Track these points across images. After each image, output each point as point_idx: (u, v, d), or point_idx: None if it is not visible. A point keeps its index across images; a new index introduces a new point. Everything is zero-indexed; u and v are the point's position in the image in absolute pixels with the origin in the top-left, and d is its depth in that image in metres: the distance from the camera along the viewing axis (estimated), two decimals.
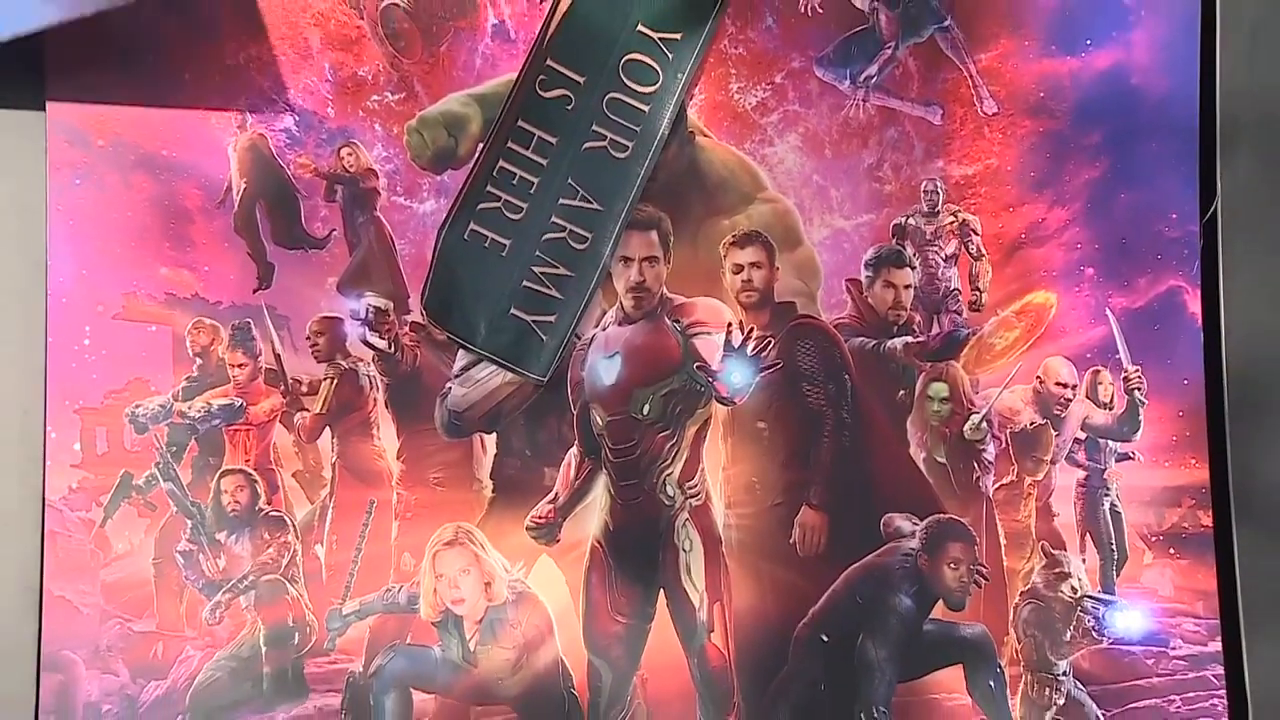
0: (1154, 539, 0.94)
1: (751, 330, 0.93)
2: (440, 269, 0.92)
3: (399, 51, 0.92)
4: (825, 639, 0.93)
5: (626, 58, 0.93)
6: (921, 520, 0.94)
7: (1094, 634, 0.93)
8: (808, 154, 0.94)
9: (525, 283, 0.93)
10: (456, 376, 0.93)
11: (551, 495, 0.93)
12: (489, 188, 0.93)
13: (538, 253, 0.93)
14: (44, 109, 0.88)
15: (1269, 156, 0.93)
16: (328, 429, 0.92)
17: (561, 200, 0.93)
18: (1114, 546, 0.94)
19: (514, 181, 0.93)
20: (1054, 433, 0.95)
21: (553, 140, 0.93)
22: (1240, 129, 0.92)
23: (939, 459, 0.95)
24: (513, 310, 0.93)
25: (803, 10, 0.93)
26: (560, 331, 0.93)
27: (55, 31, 0.83)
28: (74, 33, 0.84)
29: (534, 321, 0.93)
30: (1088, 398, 0.95)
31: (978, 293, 0.95)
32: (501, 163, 0.93)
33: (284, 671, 0.90)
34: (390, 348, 0.92)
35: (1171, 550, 0.94)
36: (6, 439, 0.88)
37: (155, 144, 0.90)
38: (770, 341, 0.94)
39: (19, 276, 0.89)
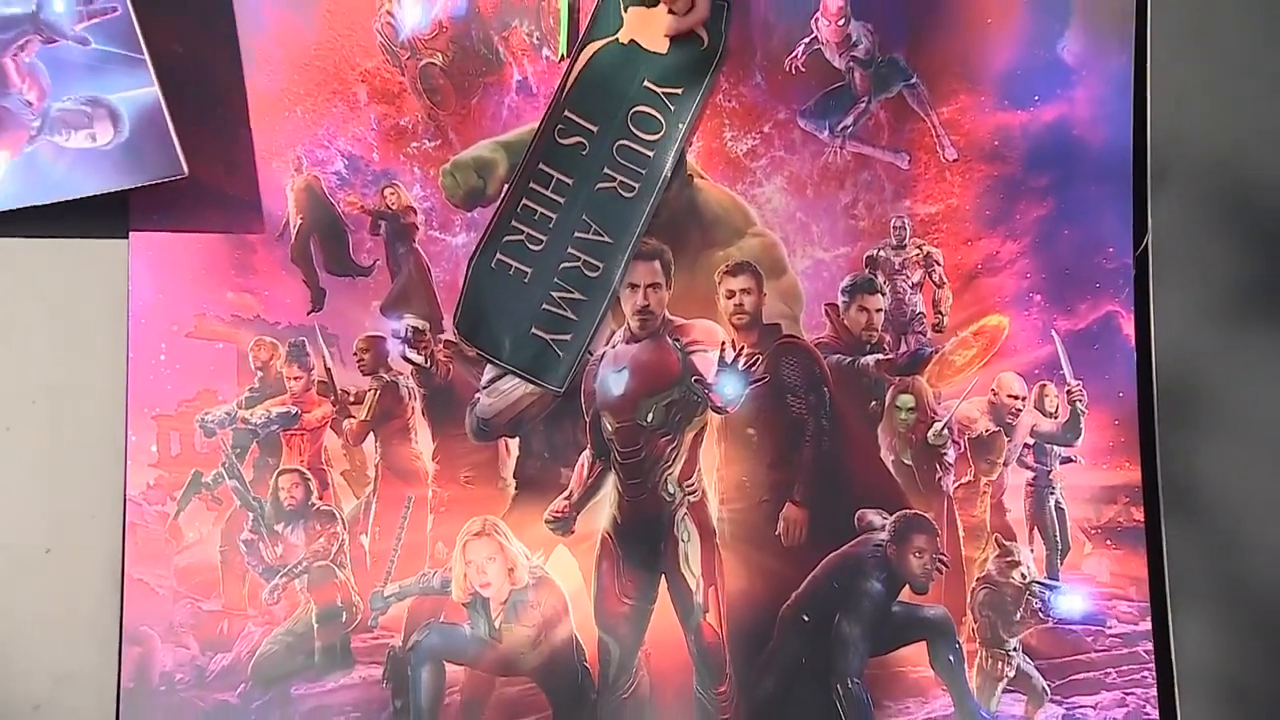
0: (1093, 532, 1.07)
1: (742, 348, 1.06)
2: (471, 293, 1.05)
3: (435, 104, 1.05)
4: (806, 619, 1.06)
5: (634, 110, 1.06)
6: (890, 515, 1.07)
7: (1040, 615, 1.07)
8: (792, 194, 1.07)
9: (545, 306, 1.06)
10: (484, 388, 1.06)
11: (567, 493, 1.06)
12: (513, 223, 1.06)
13: (556, 280, 1.06)
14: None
15: (1191, 199, 1.06)
16: (371, 434, 1.05)
17: (577, 234, 1.06)
18: (1058, 538, 1.08)
19: (535, 217, 1.06)
20: (1006, 439, 1.08)
21: (569, 181, 1.06)
22: (1167, 175, 1.06)
23: (906, 461, 1.08)
24: (534, 330, 1.06)
25: (787, 69, 1.07)
26: (575, 348, 1.06)
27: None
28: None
29: (552, 340, 1.06)
30: (1036, 408, 1.08)
31: (940, 316, 1.08)
32: (525, 201, 1.06)
33: (333, 646, 1.03)
34: (426, 363, 1.05)
35: (1108, 542, 1.07)
36: (93, 443, 1.01)
37: (223, 185, 1.03)
38: (759, 358, 1.07)
39: (104, 300, 1.02)
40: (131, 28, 0.98)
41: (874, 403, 1.08)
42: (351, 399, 1.05)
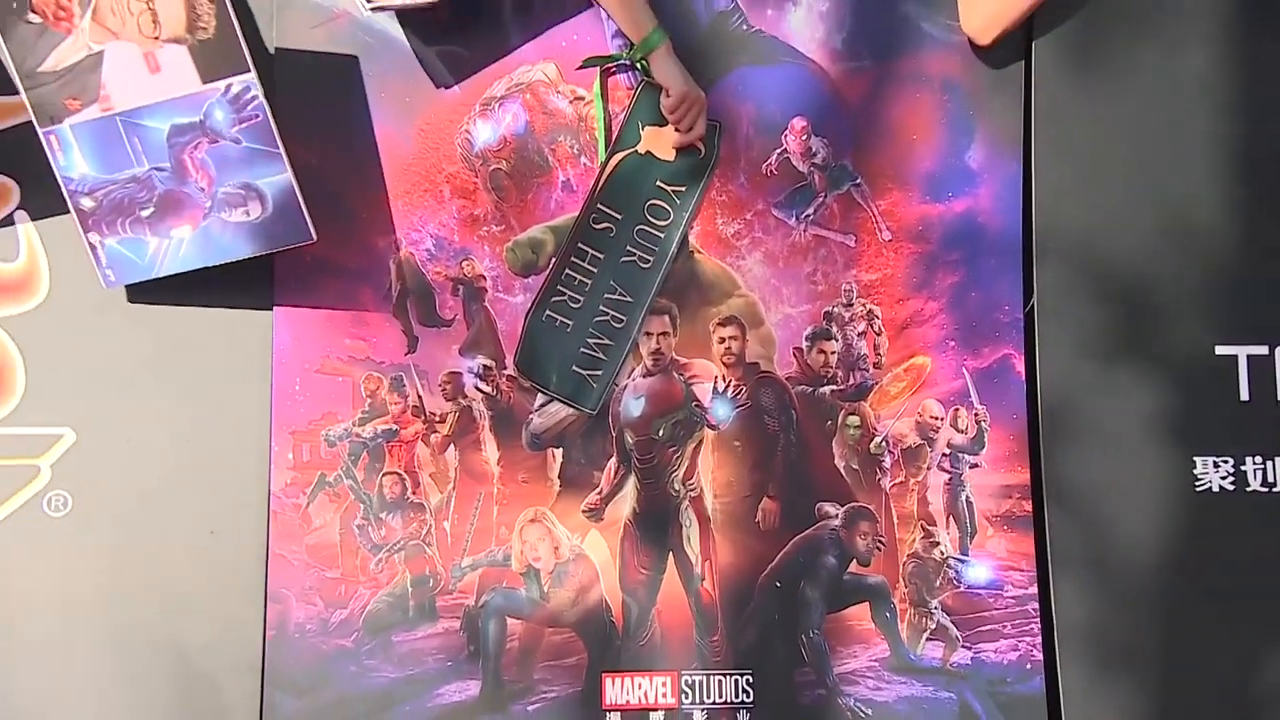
0: (994, 519, 1.42)
1: (731, 381, 1.41)
2: (527, 340, 1.40)
3: (500, 198, 1.40)
4: (779, 585, 1.40)
5: (649, 202, 1.41)
6: (842, 507, 1.42)
7: (954, 582, 1.41)
8: (767, 265, 1.42)
9: (582, 349, 1.41)
10: (536, 411, 1.40)
11: (598, 490, 1.40)
12: (559, 286, 1.41)
13: (590, 329, 1.41)
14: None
15: (1065, 269, 1.41)
16: (452, 445, 1.39)
17: (606, 295, 1.41)
18: (968, 524, 1.42)
19: (575, 283, 1.41)
20: (929, 449, 1.43)
21: (601, 256, 1.41)
22: (1047, 252, 1.41)
23: (853, 466, 1.43)
24: (574, 367, 1.40)
25: (764, 172, 1.42)
26: (605, 380, 1.40)
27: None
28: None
29: (588, 374, 1.41)
30: (951, 426, 1.43)
31: (879, 356, 1.43)
32: (567, 270, 1.41)
33: (423, 605, 1.37)
34: (493, 392, 1.40)
35: (1005, 527, 1.42)
36: (245, 452, 1.35)
37: (343, 259, 1.38)
38: (743, 388, 1.42)
39: (253, 344, 1.36)
40: (270, 129, 1.31)
41: (829, 422, 1.43)
42: (437, 419, 1.39)
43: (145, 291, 1.33)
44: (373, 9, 1.34)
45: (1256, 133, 1.43)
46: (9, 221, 1.32)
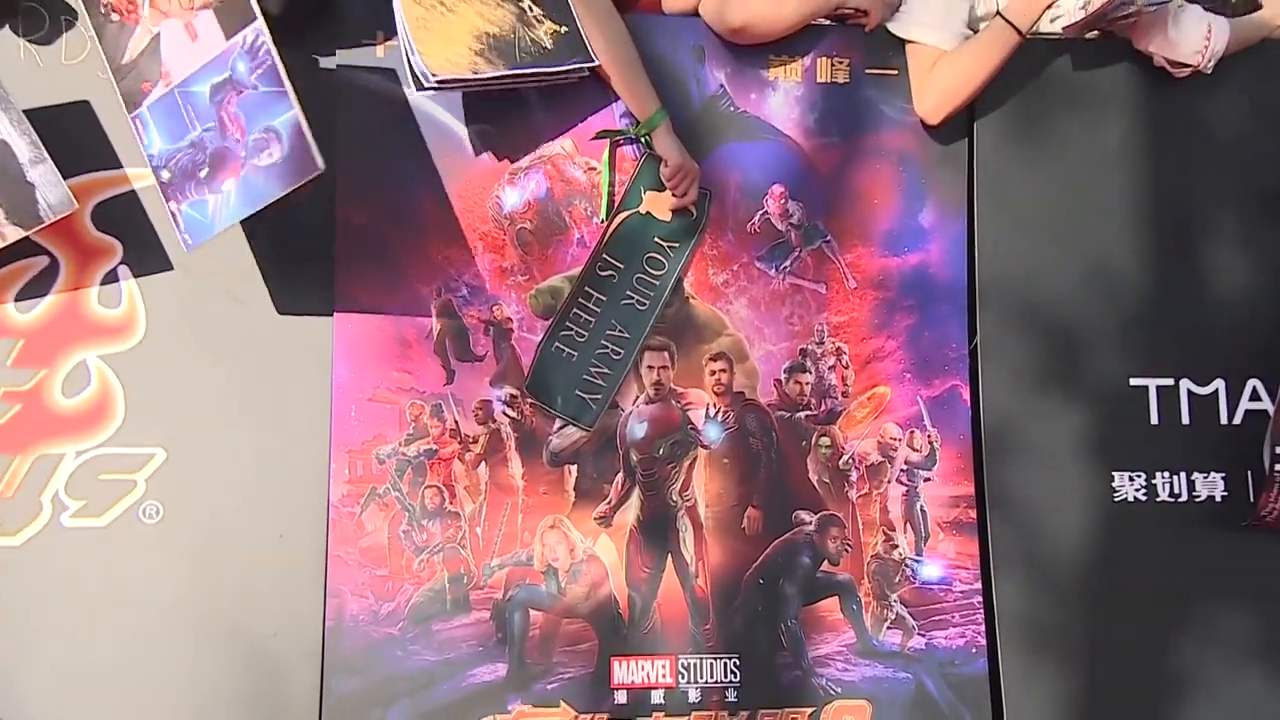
0: (944, 525, 1.67)
1: (720, 408, 1.66)
2: (538, 367, 1.64)
3: (525, 252, 1.65)
4: (762, 581, 1.65)
5: (648, 255, 1.66)
6: (815, 515, 1.66)
7: (911, 579, 1.66)
8: (751, 309, 1.68)
9: (584, 376, 1.65)
10: (555, 433, 1.65)
11: (608, 500, 1.64)
12: (567, 323, 1.65)
13: (592, 361, 1.65)
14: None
15: (1004, 313, 1.67)
16: (483, 463, 1.63)
17: (608, 332, 1.66)
18: (922, 530, 1.67)
19: (581, 321, 1.65)
20: (889, 466, 1.68)
21: (604, 299, 1.66)
22: (989, 297, 1.67)
23: (825, 480, 1.67)
24: (577, 391, 1.65)
25: (748, 230, 1.68)
26: (603, 403, 1.64)
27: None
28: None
29: (589, 398, 1.65)
30: (908, 446, 1.68)
31: (846, 387, 1.68)
32: (575, 310, 1.65)
33: (458, 598, 1.61)
34: (519, 417, 1.64)
35: (954, 532, 1.67)
36: (308, 468, 1.59)
37: (390, 303, 1.62)
38: (731, 414, 1.67)
39: (315, 377, 1.60)
40: (277, 70, 1.39)
41: (804, 442, 1.68)
42: (471, 440, 1.63)
43: (225, 328, 1.58)
44: (429, 87, 1.55)
45: (1164, 197, 1.69)
46: (113, 276, 1.56)
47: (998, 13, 1.62)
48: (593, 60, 1.57)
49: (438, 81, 1.49)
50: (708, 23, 1.65)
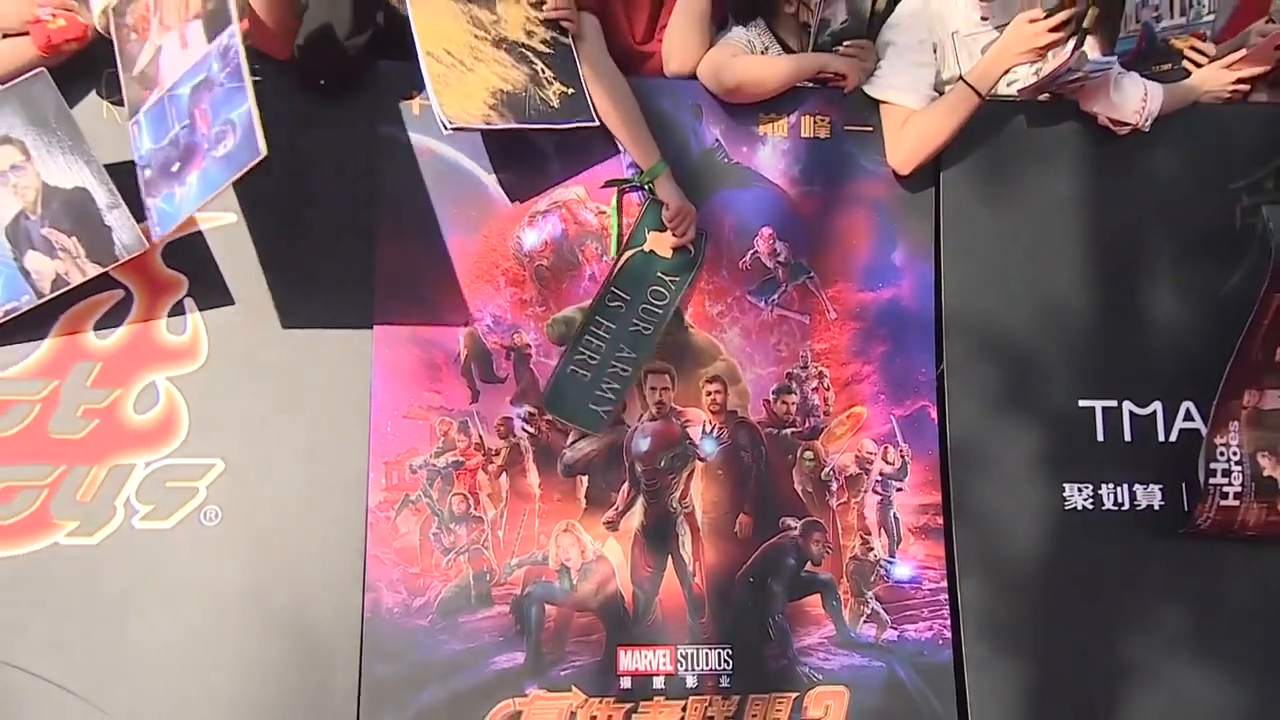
0: (914, 530, 1.87)
1: (715, 425, 1.87)
2: (554, 385, 1.84)
3: (542, 286, 1.86)
4: (752, 580, 1.85)
5: (651, 288, 1.87)
6: (800, 520, 1.87)
7: (884, 578, 1.86)
8: (744, 337, 1.88)
9: (596, 392, 1.85)
10: (568, 447, 1.85)
11: (615, 507, 1.85)
12: (580, 347, 1.86)
13: (603, 379, 1.86)
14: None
15: (968, 342, 1.88)
16: (504, 473, 1.83)
17: (615, 355, 1.86)
18: (895, 534, 1.87)
19: (593, 345, 1.85)
20: (865, 477, 1.88)
21: (613, 326, 1.86)
22: (954, 329, 1.88)
23: (809, 489, 1.88)
24: (590, 405, 1.85)
25: (740, 267, 1.89)
26: (611, 414, 1.84)
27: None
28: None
29: (600, 409, 1.85)
30: (882, 460, 1.88)
31: (828, 407, 1.89)
32: (586, 336, 1.86)
33: (482, 594, 1.80)
34: (536, 433, 1.84)
35: (923, 536, 1.87)
36: (350, 477, 1.79)
37: (423, 330, 1.83)
38: (725, 430, 1.87)
39: (356, 396, 1.80)
40: (240, 65, 1.51)
41: (790, 456, 1.88)
42: (494, 453, 1.83)
43: (276, 353, 1.78)
44: (453, 129, 1.75)
45: (1109, 239, 1.91)
46: (180, 308, 1.76)
47: (960, 77, 1.85)
48: (594, 120, 1.78)
49: (453, 129, 1.70)
50: (704, 84, 1.86)
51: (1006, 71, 1.82)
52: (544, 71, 1.80)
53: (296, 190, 1.79)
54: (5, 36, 1.65)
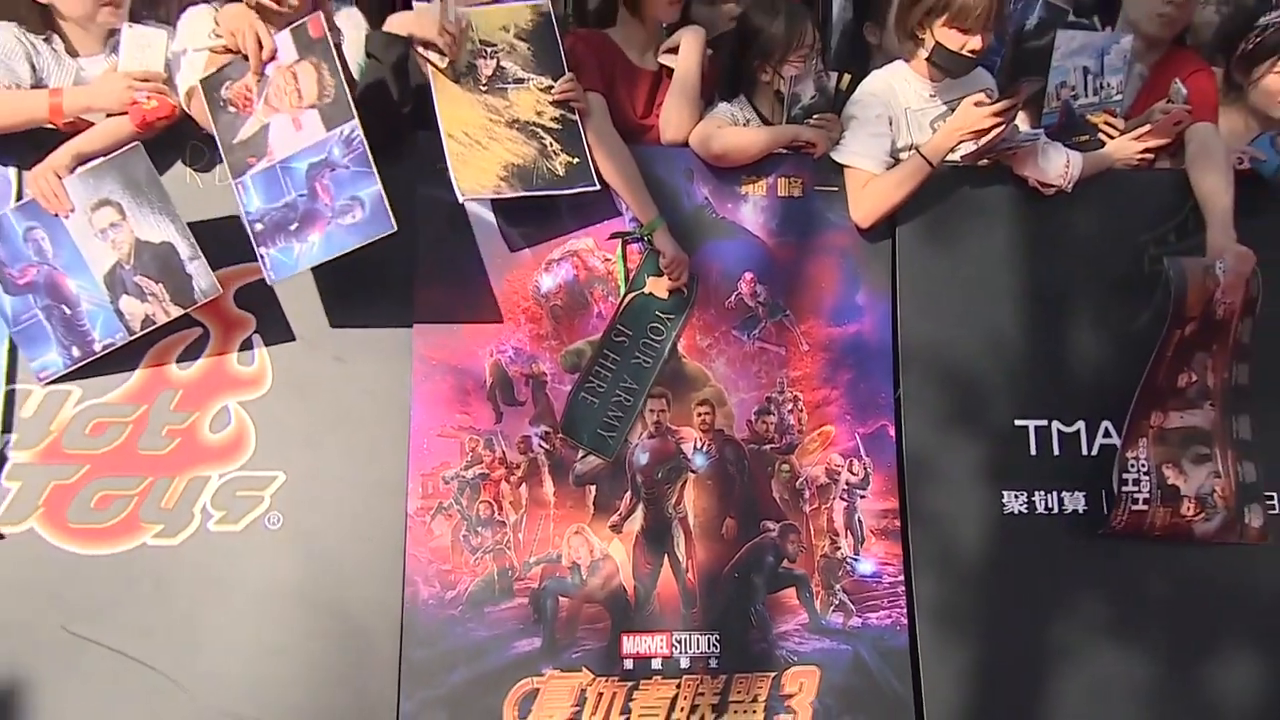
0: (876, 532, 2.18)
1: (706, 441, 2.17)
2: (569, 412, 2.15)
3: (557, 323, 2.17)
4: (736, 575, 2.15)
5: (650, 325, 2.18)
6: (778, 524, 2.17)
7: (850, 573, 2.16)
8: (728, 367, 2.20)
9: (604, 418, 2.16)
10: (579, 461, 2.15)
11: (619, 513, 2.15)
12: (590, 378, 2.17)
13: (610, 406, 2.17)
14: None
15: (920, 370, 2.20)
16: (524, 484, 2.13)
17: (620, 384, 2.17)
18: (860, 535, 2.18)
19: (602, 375, 2.17)
20: (834, 486, 2.19)
21: (618, 358, 2.17)
22: (909, 358, 2.20)
23: (785, 497, 2.18)
24: (598, 430, 2.16)
25: (726, 307, 2.20)
26: (619, 439, 2.15)
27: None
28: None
29: (608, 435, 2.16)
30: (848, 471, 2.19)
31: (801, 426, 2.20)
32: (596, 367, 2.17)
33: (505, 587, 2.09)
34: (551, 449, 2.15)
35: (883, 537, 2.18)
36: (391, 486, 2.08)
37: (455, 360, 2.13)
38: (714, 446, 2.18)
39: (397, 418, 2.10)
40: (366, 156, 1.90)
41: (770, 468, 2.19)
42: (515, 466, 2.13)
43: (330, 381, 2.08)
44: (465, 200, 2.07)
45: (1039, 282, 2.23)
46: (249, 343, 2.06)
47: (915, 148, 2.17)
48: (595, 185, 2.11)
49: (466, 200, 2.04)
50: (695, 152, 2.19)
51: (955, 147, 2.15)
52: (551, 145, 2.12)
53: None
54: (108, 116, 1.96)
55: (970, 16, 2.09)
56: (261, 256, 1.96)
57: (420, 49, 2.03)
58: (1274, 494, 2.17)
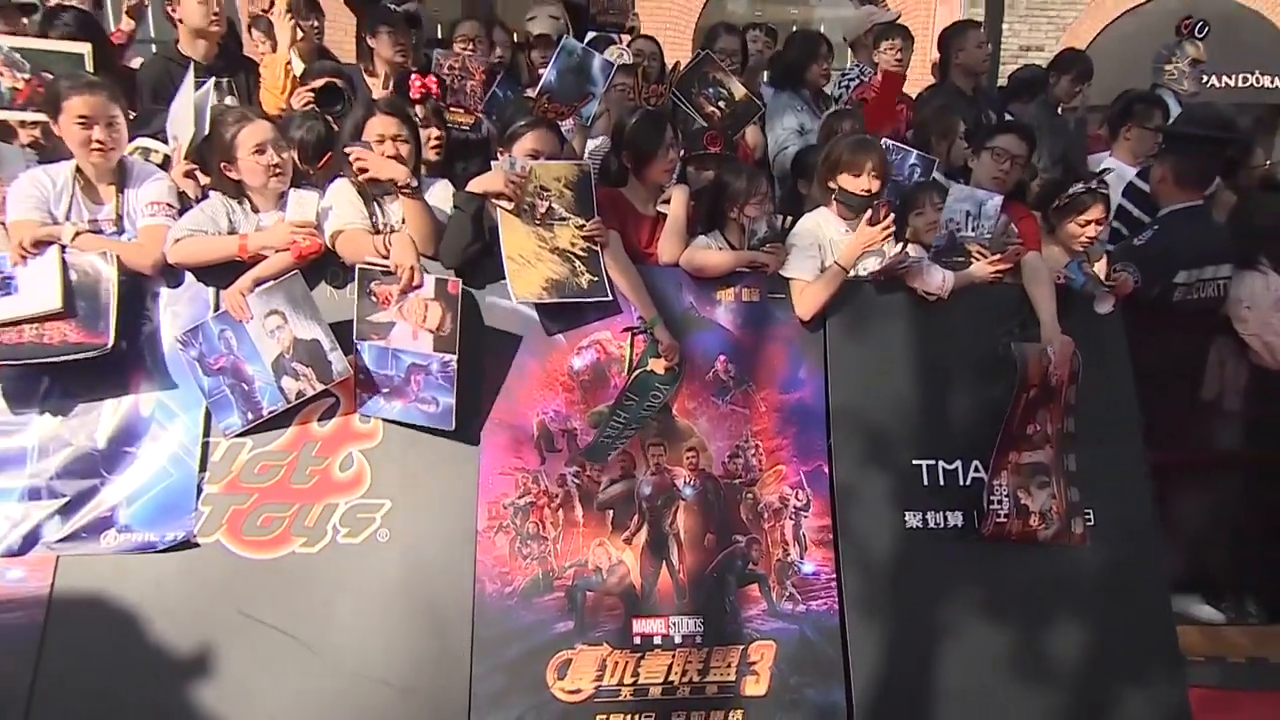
0: (816, 543, 3.01)
1: (692, 478, 3.01)
2: (590, 450, 2.98)
3: (585, 392, 3.01)
4: (715, 575, 2.96)
5: (652, 392, 3.03)
6: (745, 537, 3.00)
7: (797, 572, 2.98)
8: (709, 423, 3.04)
9: (611, 453, 2.99)
10: (600, 492, 2.97)
11: (630, 530, 2.96)
12: (607, 429, 3.00)
13: (619, 441, 3.00)
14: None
15: (848, 425, 3.05)
16: (561, 508, 2.94)
17: (625, 433, 3.01)
18: (804, 545, 3.00)
19: (619, 425, 3.00)
20: (785, 510, 3.02)
21: (627, 416, 3.01)
22: (839, 418, 3.05)
23: (750, 519, 3.01)
24: (608, 456, 2.99)
25: (706, 380, 3.06)
26: (611, 449, 2.98)
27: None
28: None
29: (607, 452, 2.99)
30: (795, 499, 3.02)
31: (761, 466, 3.03)
32: (611, 421, 3.01)
33: (547, 585, 2.89)
34: (582, 484, 2.96)
35: (821, 547, 3.01)
36: (465, 511, 2.89)
37: (512, 419, 2.96)
38: (698, 481, 3.01)
39: (470, 461, 2.92)
40: (452, 377, 2.81)
41: (738, 497, 3.03)
42: (554, 496, 2.95)
43: (425, 437, 2.89)
44: (518, 303, 2.93)
45: (929, 361, 3.11)
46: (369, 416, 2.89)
47: (835, 262, 3.07)
48: (609, 297, 2.97)
49: (519, 303, 2.91)
50: (683, 269, 3.07)
51: (860, 256, 3.05)
52: (579, 267, 2.99)
53: None
54: (277, 252, 2.81)
55: (862, 169, 3.04)
56: (358, 396, 2.83)
57: (493, 199, 2.90)
58: (1090, 510, 3.05)
